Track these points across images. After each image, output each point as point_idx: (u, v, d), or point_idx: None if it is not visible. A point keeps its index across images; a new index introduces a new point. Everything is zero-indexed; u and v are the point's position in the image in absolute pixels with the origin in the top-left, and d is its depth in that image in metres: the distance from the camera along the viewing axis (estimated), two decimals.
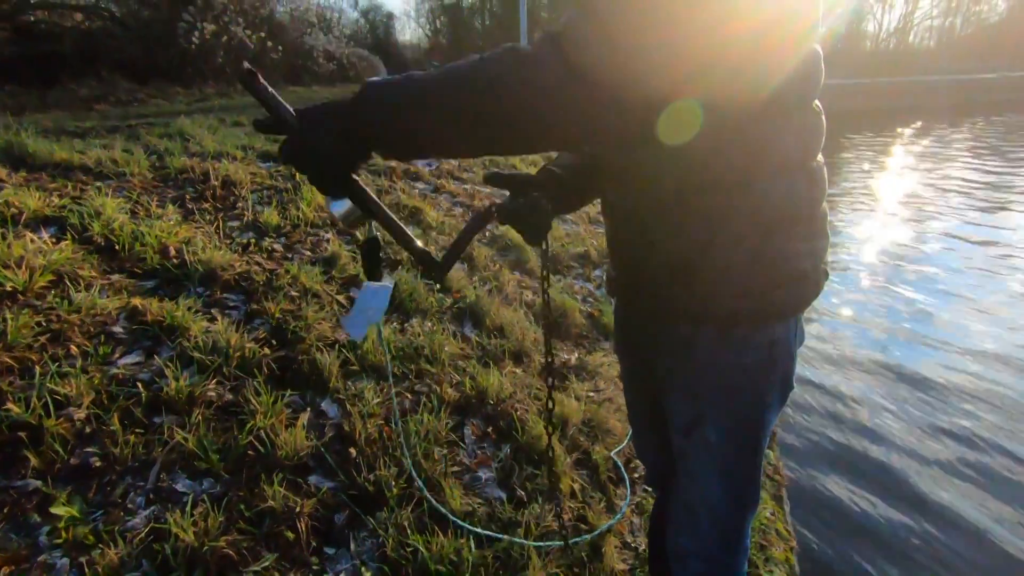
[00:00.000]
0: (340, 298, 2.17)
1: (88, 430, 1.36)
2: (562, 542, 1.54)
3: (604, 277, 3.46)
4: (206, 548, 1.20)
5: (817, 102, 0.80)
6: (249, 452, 1.44)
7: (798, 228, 0.81)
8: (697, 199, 0.78)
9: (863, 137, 14.85)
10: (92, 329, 1.61)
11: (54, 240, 1.91)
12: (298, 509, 1.35)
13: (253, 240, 2.34)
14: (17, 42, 8.80)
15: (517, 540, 1.47)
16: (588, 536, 1.61)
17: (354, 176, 0.78)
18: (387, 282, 0.90)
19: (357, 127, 0.70)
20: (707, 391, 0.91)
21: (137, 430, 1.40)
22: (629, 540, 1.76)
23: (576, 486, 1.81)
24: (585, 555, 1.57)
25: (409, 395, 1.84)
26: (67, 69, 8.70)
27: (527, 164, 5.27)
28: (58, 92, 7.74)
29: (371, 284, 0.91)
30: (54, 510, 1.18)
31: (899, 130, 16.48)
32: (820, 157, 0.83)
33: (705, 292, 0.83)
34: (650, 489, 2.02)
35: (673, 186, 0.79)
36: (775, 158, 0.77)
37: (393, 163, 3.86)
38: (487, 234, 3.43)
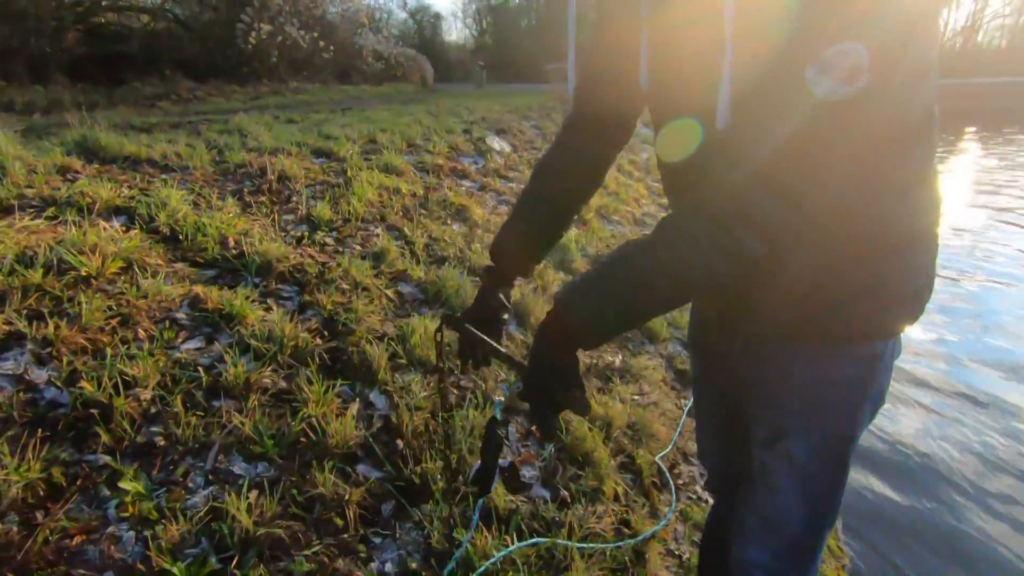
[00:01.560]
0: (389, 292, 2.20)
1: (153, 410, 1.42)
2: (605, 545, 1.52)
3: None
4: (260, 531, 1.23)
5: (935, 107, 0.77)
6: (301, 439, 1.48)
7: (921, 244, 0.79)
8: (826, 229, 0.75)
9: None
10: (158, 314, 1.68)
11: (124, 229, 2.01)
12: (347, 497, 1.38)
13: (307, 233, 2.40)
14: (88, 43, 9.33)
15: (561, 541, 1.46)
16: (632, 541, 1.59)
17: None
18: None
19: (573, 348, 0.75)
20: (797, 405, 0.87)
21: (198, 412, 1.45)
22: (673, 547, 1.72)
23: (620, 490, 1.79)
24: (628, 560, 1.55)
25: (455, 390, 1.86)
26: (133, 68, 9.17)
27: None
28: (124, 90, 8.17)
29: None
30: (122, 485, 1.24)
31: (967, 134, 15.62)
32: (936, 167, 0.80)
33: (825, 314, 0.80)
34: (704, 493, 1.98)
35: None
36: (903, 176, 0.75)
37: (440, 161, 3.90)
38: None
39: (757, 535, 0.97)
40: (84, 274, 1.69)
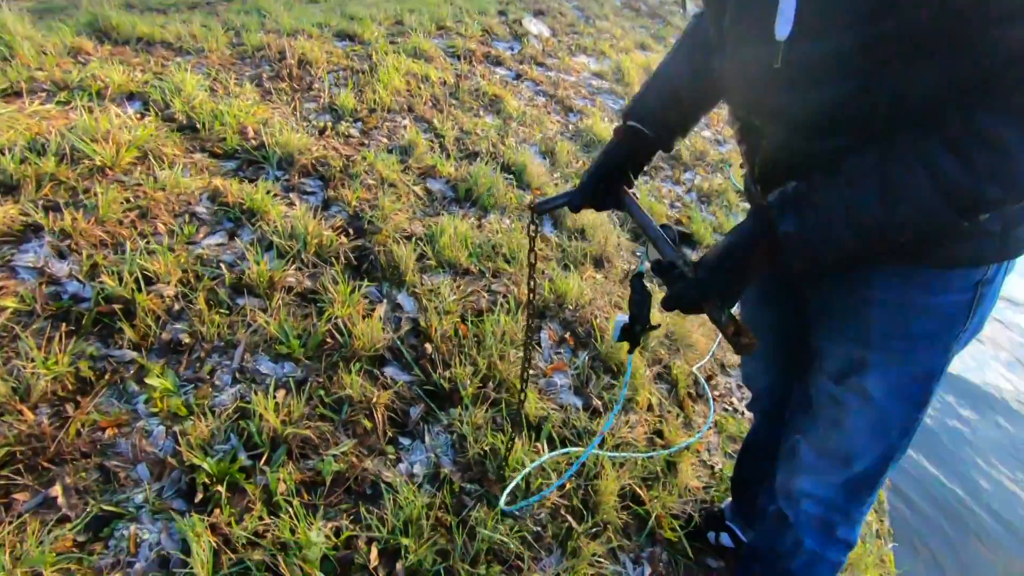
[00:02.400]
0: (417, 189, 2.08)
1: (177, 307, 1.39)
2: (637, 454, 1.49)
3: (741, 178, 3.18)
4: (288, 431, 1.22)
5: None
6: (327, 340, 1.44)
7: None
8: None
9: None
10: (177, 208, 1.61)
11: (138, 116, 1.89)
12: (375, 399, 1.35)
13: (330, 124, 2.25)
14: None
15: (593, 451, 1.42)
16: (665, 452, 1.55)
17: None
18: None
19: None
20: (881, 337, 0.74)
21: (222, 310, 1.41)
22: (706, 458, 1.69)
23: (654, 400, 1.73)
24: (660, 470, 1.52)
25: (486, 294, 1.78)
26: None
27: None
28: None
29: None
30: (149, 381, 1.22)
31: None
32: None
33: (936, 239, 0.66)
34: (740, 406, 1.92)
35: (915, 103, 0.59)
36: None
37: (473, 45, 3.58)
38: (570, 127, 3.18)
39: (812, 467, 0.89)
40: (99, 163, 1.61)
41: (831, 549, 0.93)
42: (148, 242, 1.47)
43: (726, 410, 1.90)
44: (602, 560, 1.27)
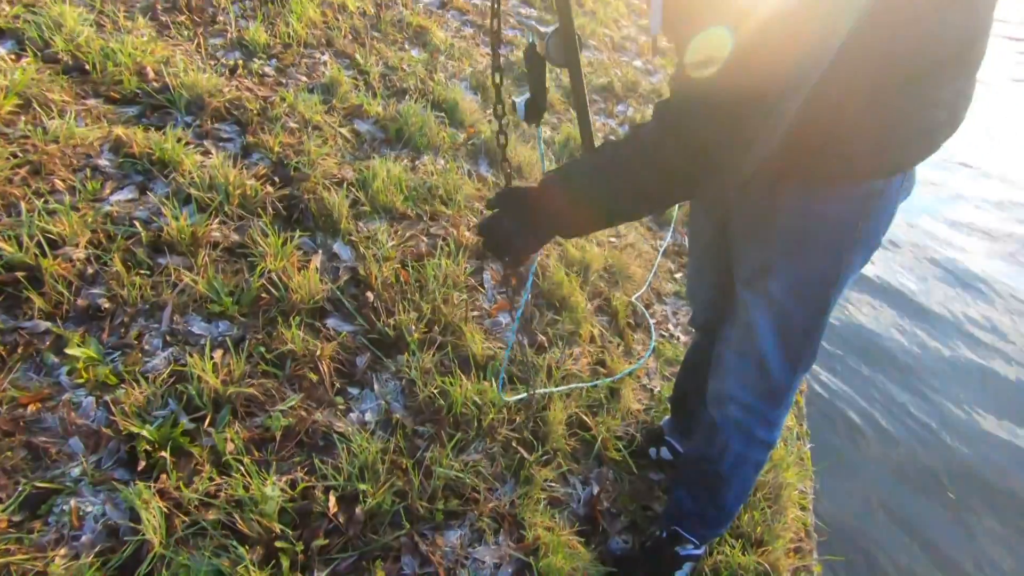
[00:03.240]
0: (344, 131, 1.97)
1: (90, 271, 1.29)
2: (581, 384, 1.56)
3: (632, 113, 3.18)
4: (231, 390, 1.19)
5: None
6: (263, 295, 1.39)
7: (944, 76, 0.66)
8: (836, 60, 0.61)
9: None
10: (75, 162, 1.46)
11: (13, 57, 1.67)
12: (319, 352, 1.33)
13: (240, 62, 2.07)
14: None
15: (540, 390, 1.47)
16: (607, 380, 1.63)
17: None
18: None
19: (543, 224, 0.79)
20: (781, 241, 0.82)
21: (142, 271, 1.32)
22: (645, 382, 1.79)
23: (595, 332, 1.79)
24: (604, 397, 1.60)
25: (425, 238, 1.75)
26: None
27: None
28: None
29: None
30: (69, 351, 1.15)
31: None
32: None
33: (821, 151, 0.71)
34: (675, 330, 2.02)
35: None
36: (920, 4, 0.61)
37: None
38: (501, 60, 3.07)
39: (733, 370, 0.98)
40: None
41: (754, 449, 1.03)
42: (47, 201, 1.34)
43: (663, 336, 2.00)
44: (553, 484, 1.35)
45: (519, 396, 1.43)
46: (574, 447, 1.45)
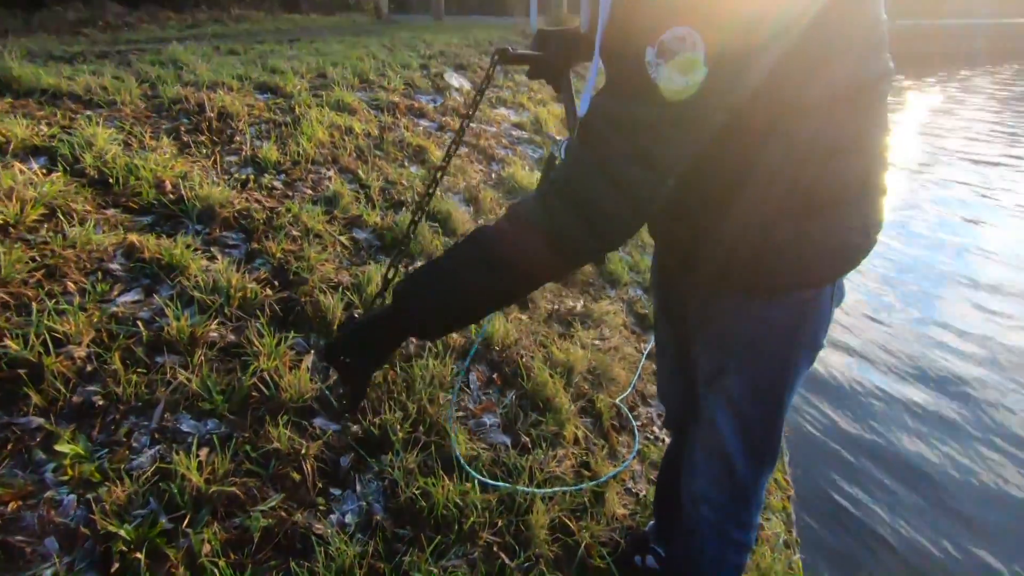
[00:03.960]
0: (343, 239, 2.11)
1: (89, 368, 1.34)
2: (565, 488, 1.55)
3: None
4: (213, 489, 1.20)
5: (884, 59, 0.74)
6: (253, 394, 1.43)
7: (849, 207, 0.78)
8: (746, 190, 0.75)
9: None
10: (89, 265, 1.56)
11: (45, 171, 1.83)
12: (303, 451, 1.35)
13: (252, 176, 2.26)
14: None
15: (522, 488, 1.48)
16: (592, 483, 1.63)
17: None
18: None
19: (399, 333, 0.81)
20: (733, 344, 0.89)
21: (139, 369, 1.38)
22: (631, 486, 1.78)
23: (580, 433, 1.82)
24: (588, 501, 1.59)
25: (414, 341, 1.82)
26: None
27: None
28: (44, 15, 7.38)
29: None
30: (59, 447, 1.17)
31: (927, 78, 15.79)
32: (882, 121, 0.78)
33: (751, 269, 0.81)
34: (661, 433, 2.03)
35: (722, 181, 0.77)
36: (827, 143, 0.73)
37: (396, 98, 3.70)
38: (493, 176, 3.33)
39: (703, 471, 1.02)
40: (0, 222, 1.55)
41: (730, 551, 1.04)
42: (57, 302, 1.42)
43: (648, 439, 2.01)
44: None
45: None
46: (557, 553, 1.42)
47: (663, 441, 2.02)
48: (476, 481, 1.44)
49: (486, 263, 0.70)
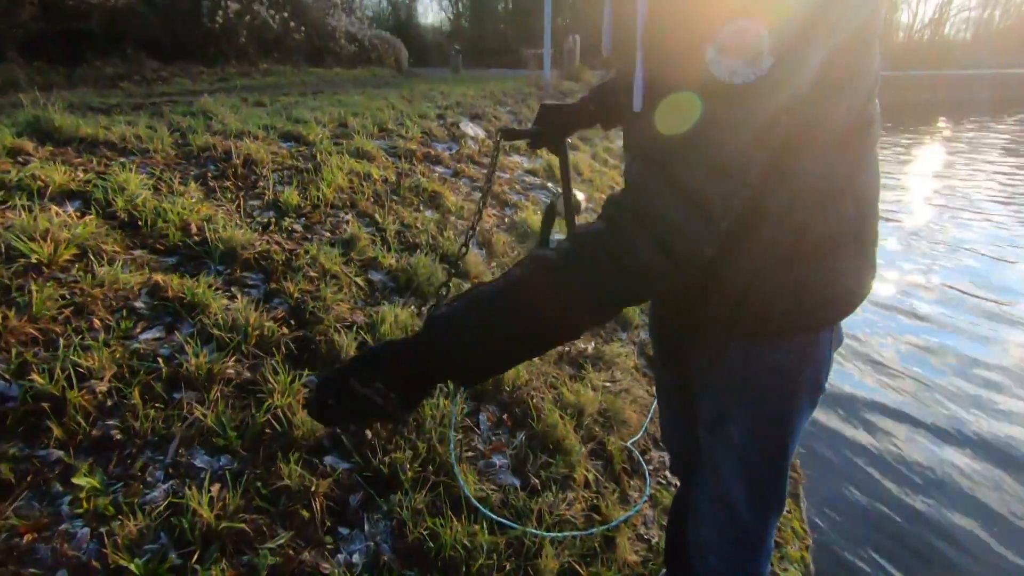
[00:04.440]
0: (359, 280, 2.17)
1: (110, 403, 1.37)
2: (575, 533, 1.53)
3: None
4: (223, 525, 1.20)
5: (875, 105, 0.77)
6: (266, 431, 1.45)
7: (846, 249, 0.79)
8: (746, 234, 0.76)
9: (890, 136, 14.40)
10: (114, 303, 1.62)
11: (78, 214, 1.92)
12: (314, 489, 1.36)
13: (273, 219, 2.34)
14: (44, 18, 8.88)
15: (531, 530, 1.46)
16: (603, 528, 1.60)
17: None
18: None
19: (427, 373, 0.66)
20: (733, 389, 0.89)
21: (157, 404, 1.41)
22: (642, 532, 1.74)
23: (590, 476, 1.80)
24: (598, 546, 1.56)
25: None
26: (93, 47, 8.76)
27: None
28: (84, 69, 7.82)
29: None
30: (76, 480, 1.19)
31: (932, 126, 15.97)
32: (872, 168, 0.80)
33: (751, 314, 0.81)
34: (672, 478, 2.00)
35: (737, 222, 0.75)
36: (825, 184, 0.74)
37: (413, 146, 3.84)
38: (505, 220, 3.41)
39: (708, 516, 1.00)
40: (35, 261, 1.62)
41: None
42: (83, 338, 1.47)
43: (660, 483, 1.98)
44: None
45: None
46: None
47: (675, 486, 1.98)
48: (484, 523, 1.43)
49: (552, 287, 0.63)
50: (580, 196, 1.27)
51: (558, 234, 1.23)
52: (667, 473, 2.04)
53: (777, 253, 0.76)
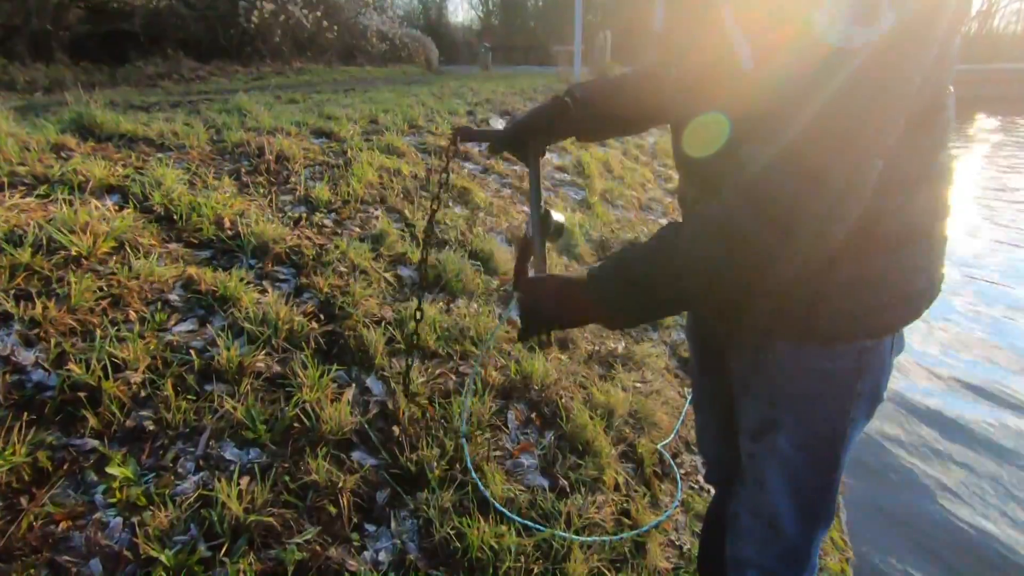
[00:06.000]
0: (388, 276, 2.16)
1: (143, 394, 1.39)
2: (604, 537, 1.49)
3: None
4: (251, 518, 1.20)
5: (949, 98, 0.70)
6: (295, 424, 1.45)
7: (918, 245, 0.73)
8: None
9: None
10: (150, 295, 1.65)
11: (117, 208, 1.96)
12: (341, 484, 1.35)
13: (304, 215, 2.35)
14: (90, 20, 9.20)
15: (560, 533, 1.43)
16: (633, 532, 1.56)
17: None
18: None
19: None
20: (784, 396, 0.83)
21: (189, 396, 1.42)
22: (674, 538, 1.69)
23: (620, 479, 1.75)
24: (628, 551, 1.52)
25: (453, 376, 1.82)
26: (136, 47, 9.05)
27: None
28: (127, 69, 8.08)
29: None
30: (110, 470, 1.21)
31: (980, 122, 15.30)
32: (947, 154, 0.73)
33: (806, 315, 0.75)
34: (706, 484, 1.94)
35: None
36: (903, 170, 0.68)
37: (443, 142, 3.83)
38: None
39: (748, 531, 0.94)
40: (74, 254, 1.65)
41: None
42: (119, 329, 1.49)
43: (692, 488, 1.92)
44: None
45: None
46: None
47: (708, 492, 1.92)
48: (512, 524, 1.40)
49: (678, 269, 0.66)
50: (558, 217, 0.99)
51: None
52: (700, 478, 1.98)
53: (844, 244, 0.68)
